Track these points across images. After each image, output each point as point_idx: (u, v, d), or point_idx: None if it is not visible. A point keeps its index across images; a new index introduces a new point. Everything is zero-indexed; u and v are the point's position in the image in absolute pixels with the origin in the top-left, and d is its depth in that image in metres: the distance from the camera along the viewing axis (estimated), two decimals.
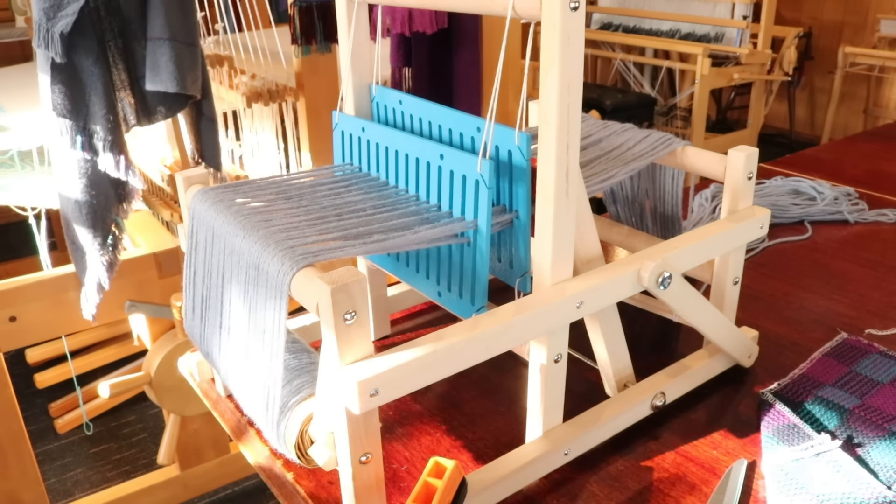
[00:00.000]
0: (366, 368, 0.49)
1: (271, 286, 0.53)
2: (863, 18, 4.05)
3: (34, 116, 1.71)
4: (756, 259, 1.04)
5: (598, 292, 0.61)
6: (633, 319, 0.86)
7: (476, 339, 0.54)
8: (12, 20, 3.05)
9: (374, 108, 0.74)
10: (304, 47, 1.38)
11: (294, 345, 0.62)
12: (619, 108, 2.99)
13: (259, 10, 1.55)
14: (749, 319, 0.86)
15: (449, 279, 0.64)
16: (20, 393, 1.50)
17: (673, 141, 0.76)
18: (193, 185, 0.67)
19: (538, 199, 0.58)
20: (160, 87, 1.22)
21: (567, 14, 0.51)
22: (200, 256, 0.63)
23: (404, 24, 1.37)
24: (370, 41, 0.73)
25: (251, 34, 1.52)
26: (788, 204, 1.18)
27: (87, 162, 1.25)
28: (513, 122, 0.61)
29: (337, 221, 0.59)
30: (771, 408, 0.71)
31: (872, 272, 1.00)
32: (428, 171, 0.63)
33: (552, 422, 0.65)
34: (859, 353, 0.80)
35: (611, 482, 0.65)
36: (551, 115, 0.54)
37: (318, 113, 1.47)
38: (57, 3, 1.14)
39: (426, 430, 0.72)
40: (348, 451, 0.52)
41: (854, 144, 1.59)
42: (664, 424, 0.71)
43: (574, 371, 0.69)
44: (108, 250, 1.34)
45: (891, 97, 3.99)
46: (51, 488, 1.92)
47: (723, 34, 3.15)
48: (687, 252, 0.67)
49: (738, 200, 0.72)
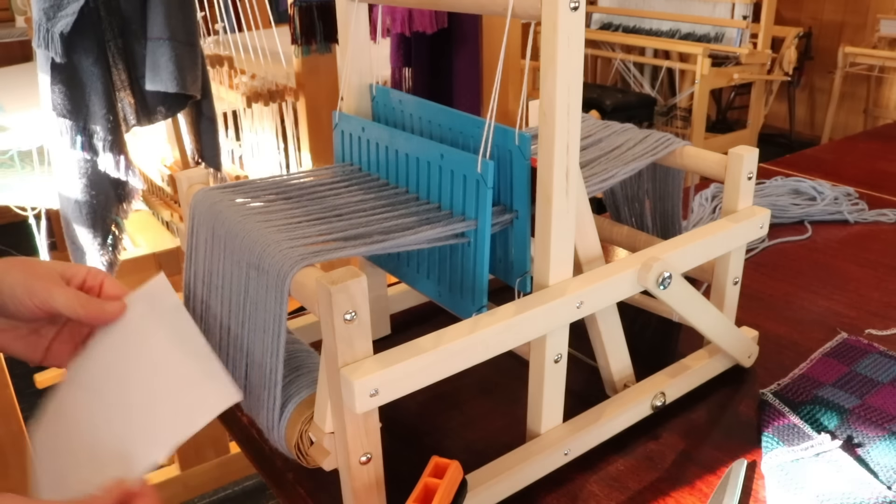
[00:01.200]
0: (365, 368, 0.49)
1: (271, 286, 0.53)
2: (863, 18, 4.05)
3: (34, 116, 1.71)
4: (756, 259, 1.04)
5: (598, 292, 0.61)
6: (633, 319, 0.86)
7: (476, 339, 0.54)
8: (12, 20, 3.05)
9: (374, 108, 0.74)
10: (304, 47, 1.38)
11: (294, 345, 0.62)
12: (619, 108, 2.99)
13: (259, 10, 1.55)
14: (749, 319, 0.86)
15: (449, 279, 0.64)
16: (20, 393, 1.50)
17: (673, 141, 0.76)
18: (193, 185, 0.67)
19: (538, 199, 0.58)
20: (160, 87, 1.22)
21: (567, 14, 0.51)
22: (201, 256, 0.63)
23: (404, 24, 1.37)
24: (370, 41, 0.73)
25: (251, 34, 1.52)
26: (788, 204, 1.18)
27: (87, 162, 1.25)
28: (513, 122, 0.61)
29: (337, 221, 0.59)
30: (771, 408, 0.71)
31: (872, 272, 1.00)
32: (428, 171, 0.63)
33: (552, 422, 0.65)
34: (859, 353, 0.80)
35: (611, 482, 0.65)
36: (551, 115, 0.54)
37: (318, 113, 1.47)
38: (57, 3, 1.14)
39: (426, 430, 0.72)
40: (348, 451, 0.52)
41: (854, 144, 1.59)
42: (664, 424, 0.71)
43: (574, 371, 0.69)
44: (108, 250, 1.34)
45: (891, 97, 3.99)
46: None
47: (723, 34, 3.15)
48: (687, 252, 0.67)
49: (738, 200, 0.72)
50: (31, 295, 0.59)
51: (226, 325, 0.59)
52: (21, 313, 0.61)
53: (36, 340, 0.64)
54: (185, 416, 0.55)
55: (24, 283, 0.59)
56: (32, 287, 0.59)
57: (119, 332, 0.63)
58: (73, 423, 0.62)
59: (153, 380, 0.58)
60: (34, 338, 0.64)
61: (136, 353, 0.61)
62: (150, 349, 0.60)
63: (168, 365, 0.58)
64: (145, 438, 0.56)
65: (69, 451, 0.60)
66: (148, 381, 0.59)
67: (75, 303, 0.60)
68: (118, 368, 0.61)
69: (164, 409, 0.56)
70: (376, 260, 0.76)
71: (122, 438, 0.57)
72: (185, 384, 0.57)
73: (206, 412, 0.55)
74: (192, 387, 0.56)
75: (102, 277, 0.64)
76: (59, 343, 0.65)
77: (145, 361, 0.60)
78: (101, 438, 0.58)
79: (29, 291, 0.59)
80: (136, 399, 0.58)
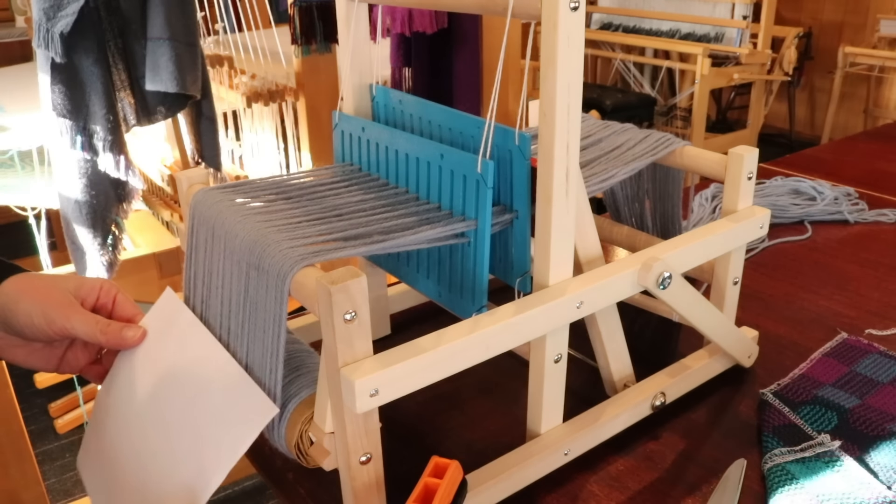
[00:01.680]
0: (365, 368, 0.49)
1: (271, 286, 0.53)
2: (863, 18, 4.05)
3: (34, 116, 1.71)
4: (756, 259, 1.04)
5: (598, 292, 0.61)
6: (633, 319, 0.86)
7: (476, 339, 0.54)
8: (12, 20, 3.05)
9: (374, 108, 0.74)
10: (304, 47, 1.38)
11: (294, 345, 0.62)
12: (619, 108, 2.99)
13: (259, 10, 1.55)
14: (749, 319, 0.86)
15: (449, 279, 0.64)
16: (20, 393, 1.50)
17: (673, 141, 0.76)
18: (193, 185, 0.67)
19: (538, 199, 0.58)
20: (160, 87, 1.22)
21: (567, 14, 0.51)
22: (201, 256, 0.63)
23: (404, 24, 1.37)
24: (370, 41, 0.73)
25: (251, 34, 1.52)
26: (788, 204, 1.18)
27: (87, 162, 1.25)
28: (513, 122, 0.61)
29: (337, 221, 0.59)
30: (771, 408, 0.71)
31: (872, 272, 1.00)
32: (428, 171, 0.63)
33: (552, 422, 0.65)
34: (859, 353, 0.80)
35: (611, 482, 0.65)
36: (551, 115, 0.54)
37: (318, 113, 1.47)
38: (57, 3, 1.14)
39: (426, 430, 0.72)
40: (348, 451, 0.52)
41: (854, 144, 1.59)
42: (664, 424, 0.71)
43: (574, 371, 0.69)
44: (108, 250, 1.34)
45: (891, 97, 3.99)
46: (51, 488, 1.92)
47: (723, 34, 3.15)
48: (687, 252, 0.67)
49: (738, 200, 0.72)
50: (49, 323, 0.60)
51: (226, 326, 0.59)
52: (38, 337, 0.62)
53: (50, 352, 0.66)
54: (231, 440, 0.55)
55: (41, 312, 0.60)
56: (50, 315, 0.60)
57: (144, 357, 0.63)
58: (119, 463, 0.62)
59: (191, 407, 0.58)
60: (48, 350, 0.65)
61: (166, 379, 0.61)
62: (179, 373, 0.60)
63: (202, 387, 0.58)
64: (198, 471, 0.55)
65: (121, 493, 0.61)
66: (186, 408, 0.58)
67: (95, 329, 0.61)
68: (153, 398, 0.61)
69: (210, 437, 0.56)
70: (376, 260, 0.76)
71: (174, 474, 0.57)
72: (223, 406, 0.56)
73: (249, 431, 0.54)
74: (231, 407, 0.56)
75: (115, 293, 0.65)
76: (72, 352, 0.66)
77: (179, 387, 0.60)
78: (151, 476, 0.59)
79: (47, 320, 0.60)
80: (180, 430, 0.58)
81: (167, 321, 0.63)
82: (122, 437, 0.63)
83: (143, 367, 0.63)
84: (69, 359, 0.66)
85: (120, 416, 0.64)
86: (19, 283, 0.61)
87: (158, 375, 0.61)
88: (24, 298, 0.60)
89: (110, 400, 0.65)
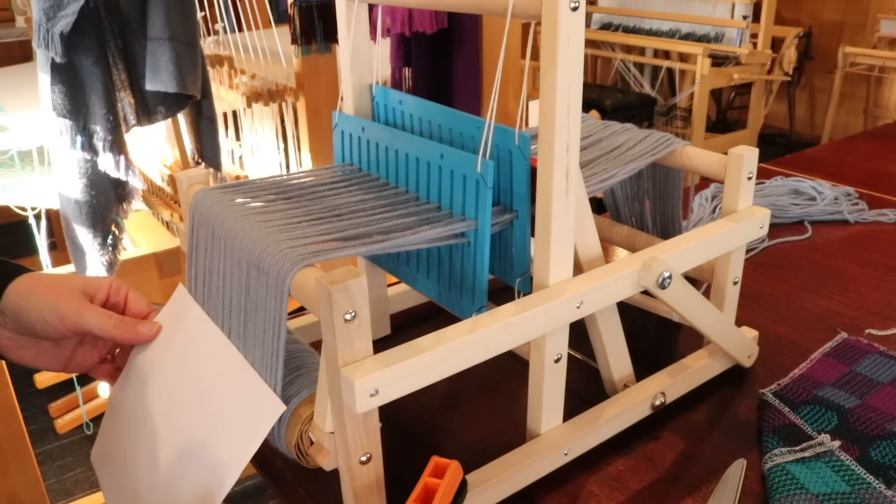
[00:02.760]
0: (365, 368, 0.49)
1: (271, 286, 0.53)
2: (863, 18, 4.05)
3: (34, 116, 1.71)
4: (756, 259, 1.04)
5: (598, 292, 0.61)
6: (633, 319, 0.86)
7: (476, 339, 0.54)
8: (12, 20, 3.05)
9: (374, 108, 0.74)
10: (304, 47, 1.38)
11: (294, 345, 0.62)
12: (619, 108, 2.99)
13: (259, 10, 1.55)
14: (749, 319, 0.86)
15: (449, 279, 0.64)
16: (20, 393, 1.50)
17: (673, 141, 0.76)
18: (193, 185, 0.67)
19: (538, 199, 0.58)
20: (160, 87, 1.22)
21: (567, 14, 0.51)
22: (201, 256, 0.63)
23: (404, 24, 1.37)
24: (370, 41, 0.73)
25: (251, 34, 1.52)
26: (788, 204, 1.18)
27: (87, 162, 1.25)
28: (513, 122, 0.61)
29: (337, 221, 0.59)
30: (771, 408, 0.71)
31: (872, 272, 1.00)
32: (428, 171, 0.63)
33: (552, 422, 0.65)
34: (859, 353, 0.80)
35: (611, 482, 0.65)
36: (551, 115, 0.54)
37: (318, 113, 1.47)
38: (57, 3, 1.14)
39: (426, 430, 0.72)
40: (348, 451, 0.52)
41: (854, 144, 1.59)
42: (664, 424, 0.71)
43: (574, 371, 0.69)
44: (108, 250, 1.34)
45: (891, 97, 3.99)
46: (51, 488, 1.92)
47: (723, 34, 3.15)
48: (687, 252, 0.67)
49: (738, 200, 0.72)
50: (61, 318, 0.60)
51: (226, 325, 0.59)
52: (50, 335, 0.62)
53: (58, 352, 0.65)
54: (243, 439, 0.55)
55: (52, 307, 0.60)
56: (61, 310, 0.60)
57: (158, 354, 0.63)
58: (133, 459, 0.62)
59: (203, 404, 0.58)
60: (56, 350, 0.65)
61: (179, 376, 0.61)
62: (191, 370, 0.60)
63: (213, 385, 0.58)
64: (211, 470, 0.56)
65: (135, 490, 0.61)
66: (198, 406, 0.59)
67: (108, 324, 0.61)
68: (166, 395, 0.61)
69: (221, 436, 0.56)
70: (376, 260, 0.76)
71: (187, 472, 0.57)
72: (234, 405, 0.56)
73: (259, 430, 0.54)
74: (242, 406, 0.56)
75: (125, 292, 0.65)
76: (81, 351, 0.66)
77: (191, 384, 0.60)
78: (164, 473, 0.59)
79: (59, 315, 0.60)
80: (192, 428, 0.58)
81: (180, 318, 0.63)
82: (136, 433, 0.63)
83: (157, 363, 0.63)
84: (78, 358, 0.66)
85: (134, 412, 0.64)
86: (29, 282, 0.61)
87: (171, 373, 0.61)
88: (34, 296, 0.60)
89: (125, 396, 0.65)
